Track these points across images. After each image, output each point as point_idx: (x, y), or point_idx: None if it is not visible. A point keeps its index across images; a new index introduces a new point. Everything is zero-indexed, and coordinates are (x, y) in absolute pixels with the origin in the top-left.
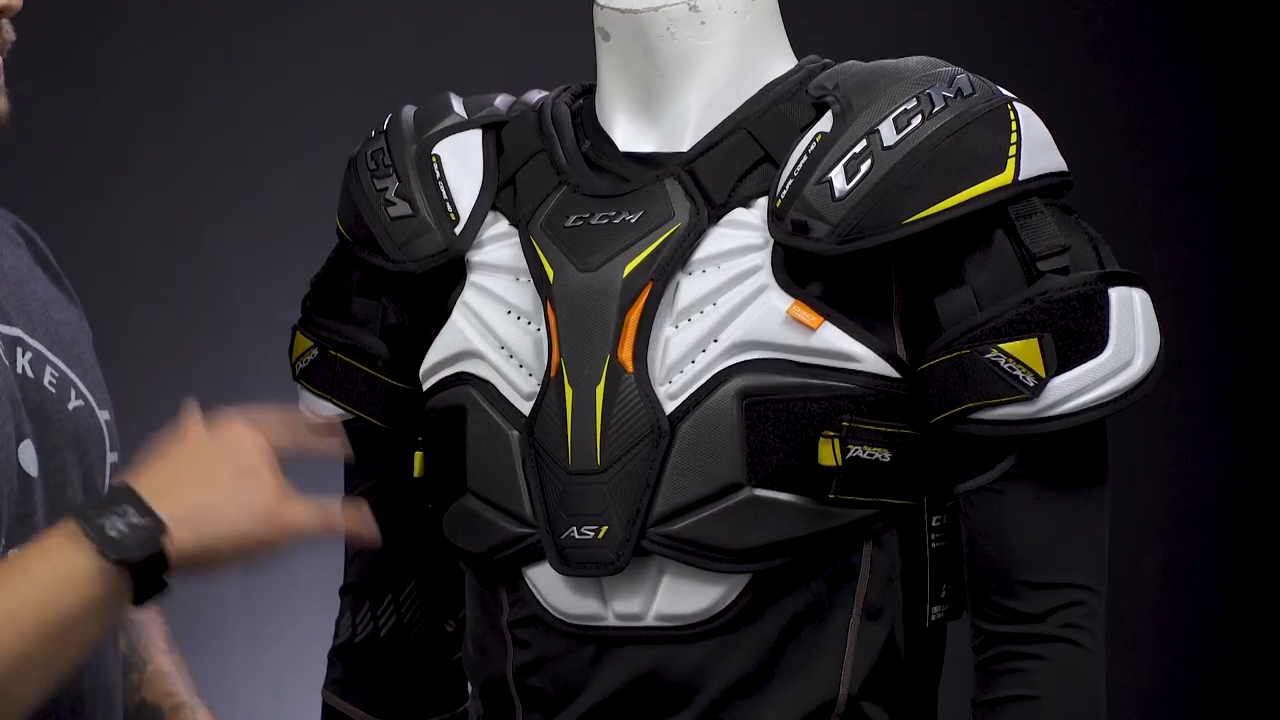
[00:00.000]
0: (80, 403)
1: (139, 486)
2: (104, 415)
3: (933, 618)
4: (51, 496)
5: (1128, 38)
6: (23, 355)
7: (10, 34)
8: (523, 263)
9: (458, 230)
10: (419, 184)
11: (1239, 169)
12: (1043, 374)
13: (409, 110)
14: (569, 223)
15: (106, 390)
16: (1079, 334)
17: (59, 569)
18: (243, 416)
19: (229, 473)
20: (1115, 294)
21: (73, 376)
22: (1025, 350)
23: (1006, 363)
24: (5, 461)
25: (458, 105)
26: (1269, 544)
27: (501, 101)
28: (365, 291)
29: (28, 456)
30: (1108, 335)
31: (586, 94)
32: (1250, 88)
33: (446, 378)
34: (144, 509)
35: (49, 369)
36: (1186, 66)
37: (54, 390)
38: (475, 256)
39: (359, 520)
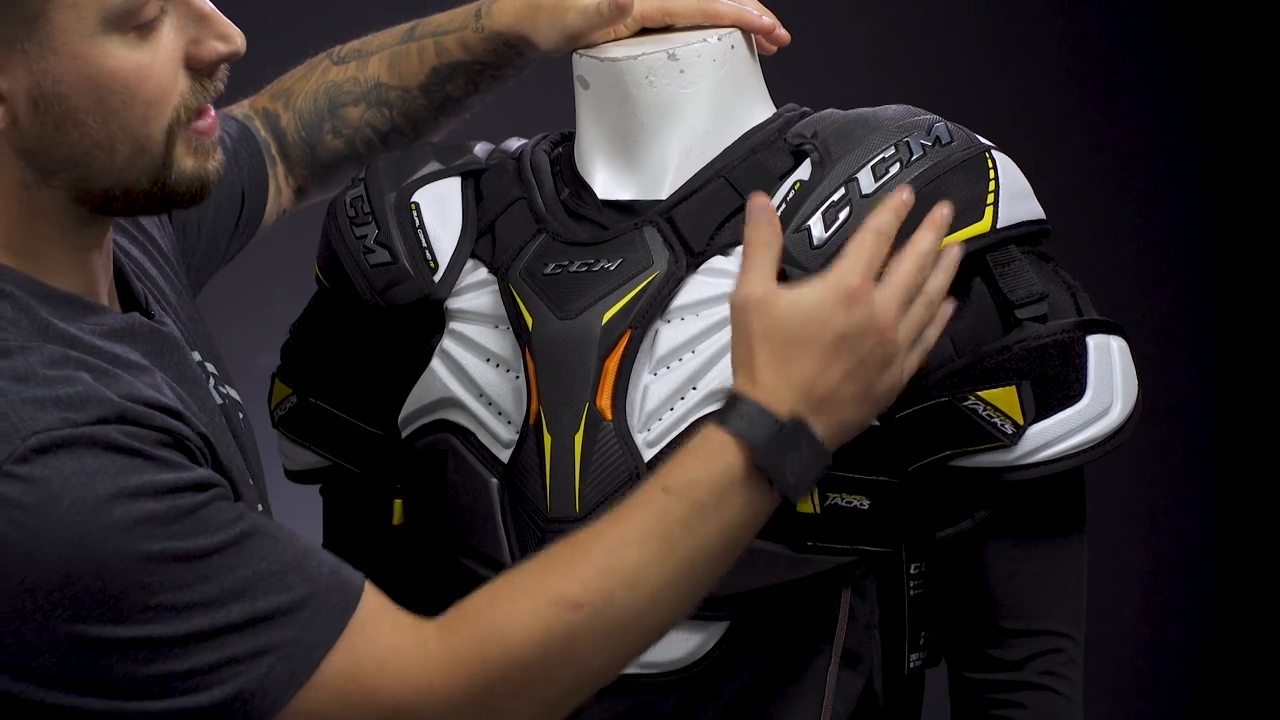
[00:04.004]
0: (242, 415)
1: (808, 416)
2: (245, 417)
3: (911, 665)
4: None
5: (1110, 82)
6: (206, 383)
7: (225, 78)
8: (502, 310)
9: (437, 278)
10: (398, 231)
11: (1219, 215)
12: (1021, 422)
13: (388, 159)
14: (548, 270)
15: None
16: (1057, 382)
17: (739, 510)
18: (870, 275)
19: (869, 375)
20: (1093, 342)
21: (234, 394)
22: (1003, 398)
23: (985, 410)
24: None
25: (436, 154)
26: (1248, 591)
27: (480, 149)
28: (344, 338)
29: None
30: (1085, 383)
31: (565, 142)
32: (1235, 134)
33: (426, 425)
34: (814, 443)
35: (225, 389)
36: (1169, 113)
37: (232, 408)
38: (454, 304)
39: None
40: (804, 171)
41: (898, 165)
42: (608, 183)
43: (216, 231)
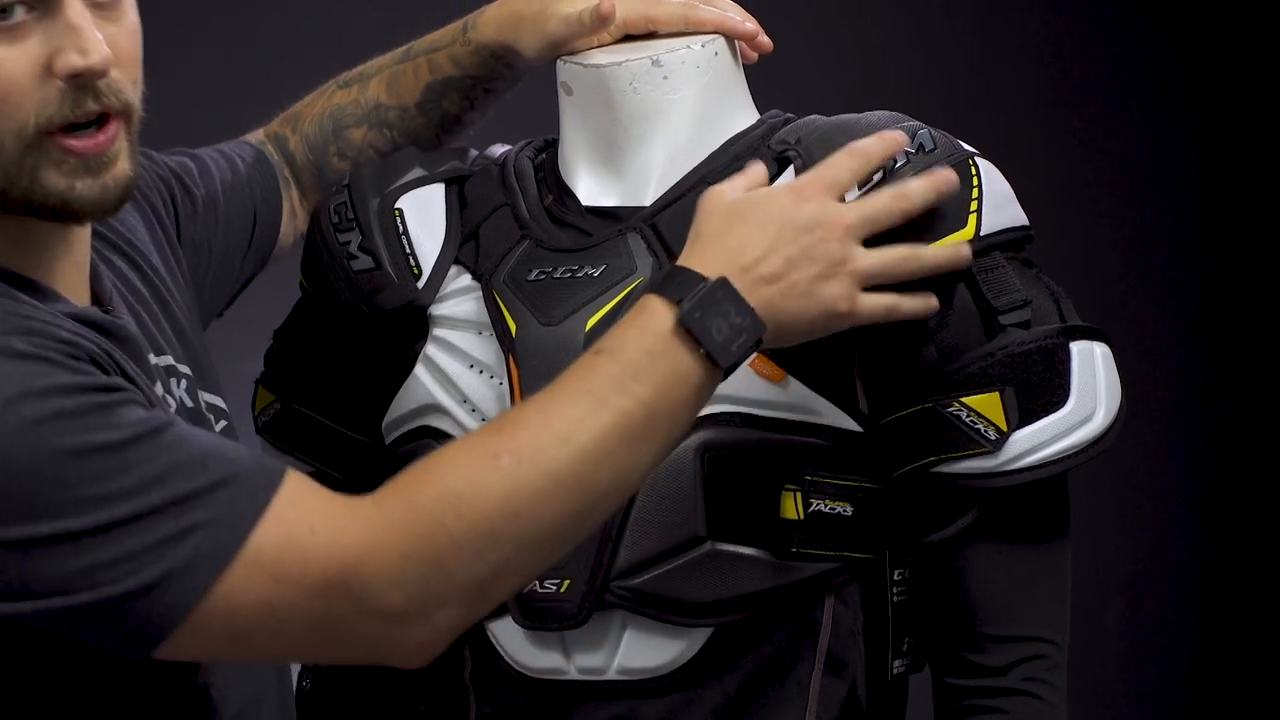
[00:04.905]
0: (224, 423)
1: (738, 281)
2: (228, 425)
3: (895, 671)
4: None
5: (1095, 87)
6: (178, 385)
7: (115, 100)
8: (485, 316)
9: (420, 284)
10: (382, 238)
11: (1204, 222)
12: (1004, 428)
13: (371, 165)
14: (531, 276)
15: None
16: (1040, 388)
17: (670, 369)
18: (830, 187)
19: (811, 271)
20: (1076, 348)
21: (216, 400)
22: (987, 404)
23: (968, 416)
24: None
25: (420, 160)
26: (1233, 598)
27: (464, 156)
28: (328, 344)
29: None
30: (1069, 389)
31: (549, 148)
32: (1221, 139)
33: (409, 431)
34: (743, 308)
35: (201, 394)
36: (1156, 119)
37: (210, 416)
38: (438, 310)
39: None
40: (788, 178)
41: (881, 173)
42: (591, 189)
43: (229, 251)
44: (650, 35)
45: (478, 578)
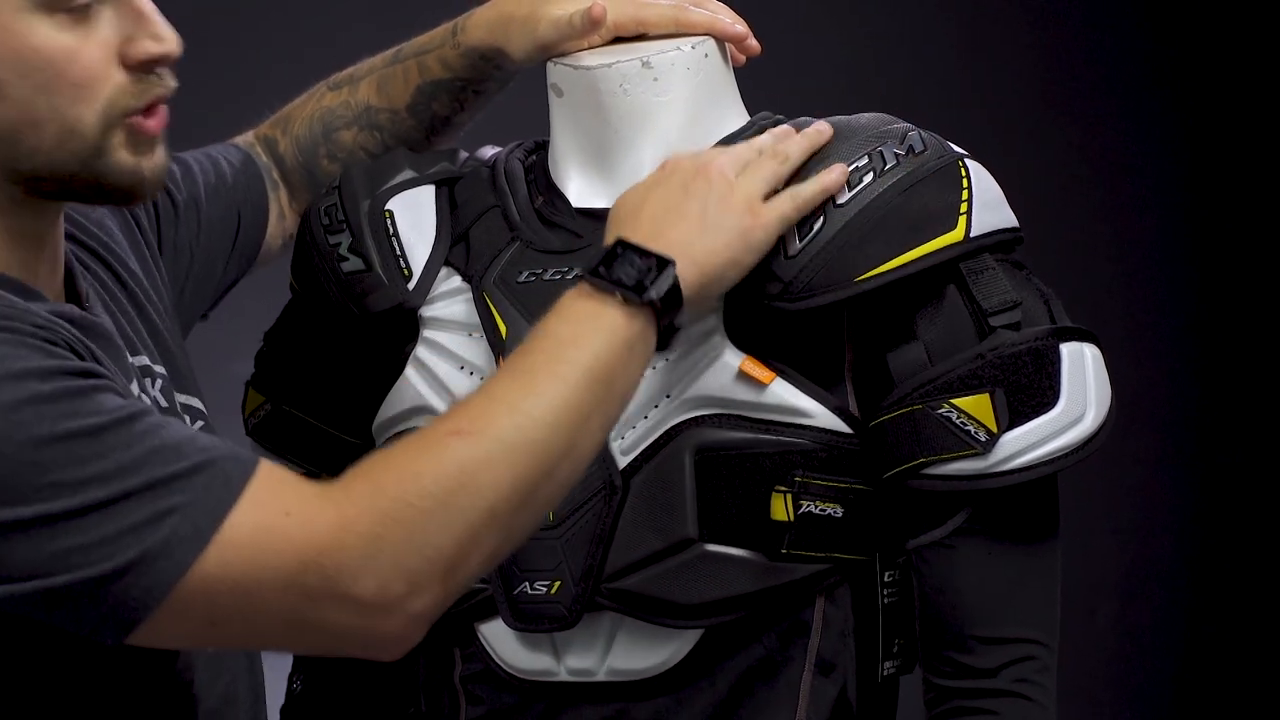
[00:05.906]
0: (201, 423)
1: (636, 239)
2: (205, 426)
3: (885, 672)
4: None
5: (1085, 88)
6: (153, 385)
7: (172, 82)
8: (476, 318)
9: (411, 286)
10: (372, 240)
11: (1195, 224)
12: (994, 429)
13: (362, 166)
14: (522, 278)
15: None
16: (1030, 389)
17: (597, 328)
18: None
19: (701, 206)
20: (1066, 349)
21: (192, 402)
22: (977, 405)
23: (958, 418)
24: None
25: (410, 161)
26: (1222, 600)
27: (454, 157)
28: (318, 346)
29: None
30: (1059, 390)
31: (540, 150)
32: (1212, 141)
33: (400, 433)
34: (645, 253)
35: (177, 396)
36: (1147, 120)
37: (186, 418)
38: (428, 312)
39: None
40: None
41: (871, 174)
42: (582, 190)
43: (212, 254)
44: (640, 37)
45: (447, 554)
